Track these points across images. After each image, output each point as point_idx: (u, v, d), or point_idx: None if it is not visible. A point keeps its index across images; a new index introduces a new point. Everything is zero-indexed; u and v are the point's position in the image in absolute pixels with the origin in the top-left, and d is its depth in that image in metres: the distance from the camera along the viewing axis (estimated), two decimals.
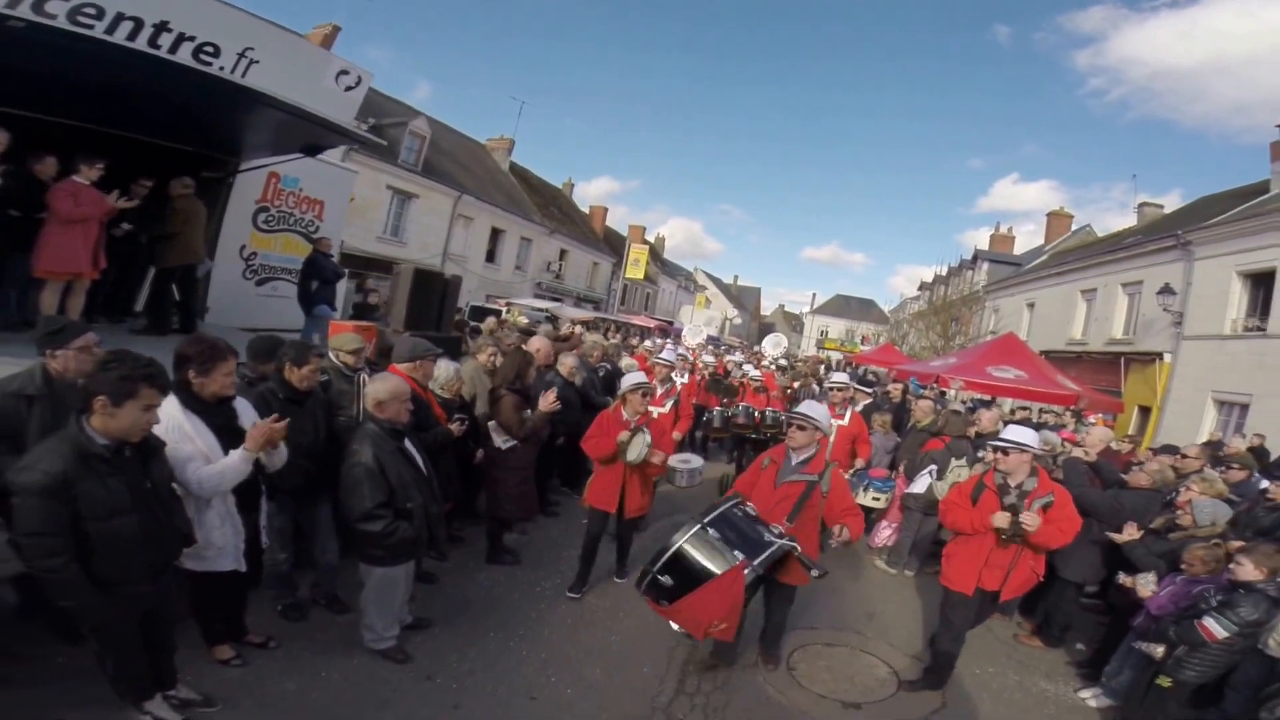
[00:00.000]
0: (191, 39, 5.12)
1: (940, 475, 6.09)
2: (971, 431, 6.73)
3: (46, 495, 2.33)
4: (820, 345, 54.48)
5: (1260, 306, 13.91)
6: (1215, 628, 3.76)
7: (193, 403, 3.06)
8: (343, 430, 4.03)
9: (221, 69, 5.39)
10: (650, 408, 5.41)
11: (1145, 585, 4.43)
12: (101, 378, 2.48)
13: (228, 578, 3.26)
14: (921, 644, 5.08)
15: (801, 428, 4.27)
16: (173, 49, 5.04)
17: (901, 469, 6.97)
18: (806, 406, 4.44)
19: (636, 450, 4.74)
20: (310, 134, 6.86)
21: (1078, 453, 5.80)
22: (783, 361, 17.25)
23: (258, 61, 5.56)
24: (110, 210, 5.27)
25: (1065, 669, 5.14)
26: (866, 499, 6.55)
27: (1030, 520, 3.99)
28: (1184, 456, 6.47)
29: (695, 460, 6.55)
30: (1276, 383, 12.85)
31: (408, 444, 3.75)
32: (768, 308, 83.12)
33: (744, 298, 75.04)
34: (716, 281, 66.93)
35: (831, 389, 7.41)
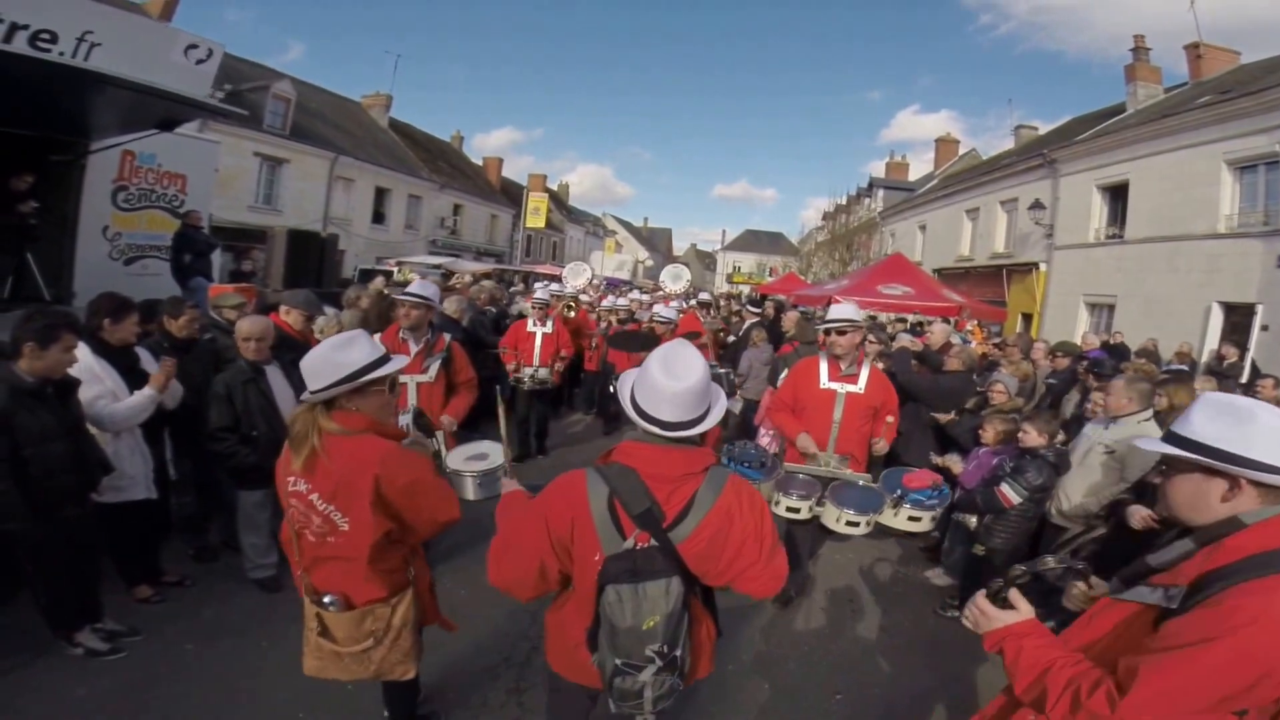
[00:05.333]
0: (25, 27, 5.33)
1: None
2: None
3: None
4: (730, 280, 57.05)
5: (1120, 216, 15.61)
6: (1010, 493, 4.15)
7: (101, 349, 3.68)
8: None
9: (61, 54, 5.61)
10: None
11: (955, 462, 5.01)
12: (29, 326, 3.07)
13: (141, 509, 3.84)
14: None
15: None
16: (7, 38, 5.25)
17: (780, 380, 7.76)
18: None
19: None
20: (163, 109, 7.13)
21: (905, 342, 6.74)
22: (705, 296, 16.39)
23: (100, 44, 5.78)
24: None
25: (917, 554, 5.83)
26: (899, 520, 4.16)
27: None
28: (1006, 345, 7.76)
29: (491, 453, 3.93)
30: (1133, 284, 14.63)
31: (271, 379, 4.17)
32: (680, 248, 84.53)
33: (655, 240, 76.20)
34: (626, 225, 67.93)
35: (829, 332, 4.66)
